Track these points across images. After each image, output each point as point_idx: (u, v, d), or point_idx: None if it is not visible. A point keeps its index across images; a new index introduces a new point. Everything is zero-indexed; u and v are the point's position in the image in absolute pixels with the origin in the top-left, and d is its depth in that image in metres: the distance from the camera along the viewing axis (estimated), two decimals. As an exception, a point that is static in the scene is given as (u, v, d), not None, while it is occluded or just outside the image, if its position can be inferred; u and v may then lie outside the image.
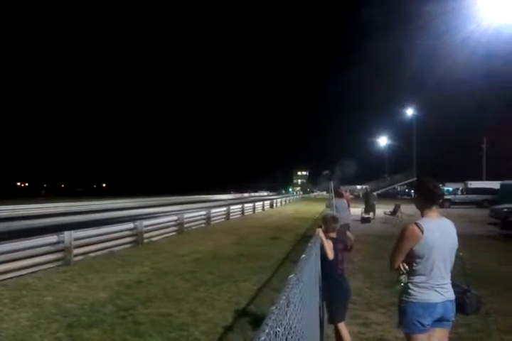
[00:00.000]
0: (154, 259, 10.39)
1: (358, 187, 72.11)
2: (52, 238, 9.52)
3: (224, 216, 22.63)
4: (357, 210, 22.87)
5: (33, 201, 39.10)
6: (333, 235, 4.63)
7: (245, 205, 27.72)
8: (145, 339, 5.04)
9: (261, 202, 33.83)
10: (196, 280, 8.11)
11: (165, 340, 5.03)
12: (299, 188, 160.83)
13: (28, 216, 24.09)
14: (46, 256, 9.23)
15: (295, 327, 2.09)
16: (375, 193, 27.12)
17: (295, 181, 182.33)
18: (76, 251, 10.02)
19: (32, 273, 8.58)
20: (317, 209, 31.65)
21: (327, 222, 4.65)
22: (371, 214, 22.12)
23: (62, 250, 9.59)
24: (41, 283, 7.86)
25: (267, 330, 1.41)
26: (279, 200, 42.62)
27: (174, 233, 15.56)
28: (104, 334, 5.21)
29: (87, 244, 10.55)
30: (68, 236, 9.73)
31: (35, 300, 6.69)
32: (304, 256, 3.10)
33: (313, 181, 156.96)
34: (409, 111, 56.91)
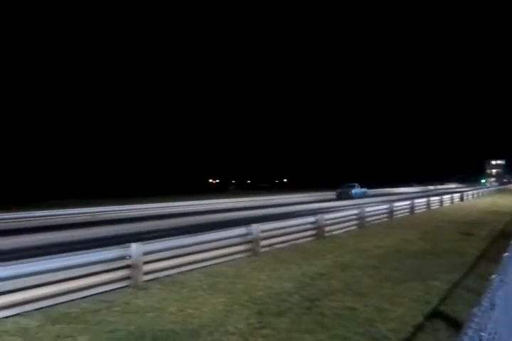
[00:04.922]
0: (336, 253, 10.42)
1: None
2: (242, 230, 10.27)
3: (408, 210, 21.60)
4: None
5: (223, 196, 43.00)
6: None
7: (431, 198, 26.05)
8: (331, 332, 5.04)
9: (449, 195, 31.47)
10: (380, 276, 7.86)
11: (352, 334, 4.95)
12: (493, 179, 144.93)
13: (219, 210, 26.47)
14: (237, 246, 9.99)
15: (500, 333, 1.83)
16: None
17: (488, 171, 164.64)
18: (262, 242, 10.63)
19: (225, 262, 9.35)
20: (517, 202, 28.01)
21: None
22: None
23: (250, 241, 10.28)
24: (233, 271, 8.52)
25: (470, 333, 1.24)
26: (469, 193, 38.97)
27: (355, 227, 15.39)
28: (291, 323, 5.38)
29: (272, 236, 11.11)
30: (256, 228, 10.39)
31: (228, 287, 7.26)
32: (507, 254, 2.71)
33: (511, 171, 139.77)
34: None
